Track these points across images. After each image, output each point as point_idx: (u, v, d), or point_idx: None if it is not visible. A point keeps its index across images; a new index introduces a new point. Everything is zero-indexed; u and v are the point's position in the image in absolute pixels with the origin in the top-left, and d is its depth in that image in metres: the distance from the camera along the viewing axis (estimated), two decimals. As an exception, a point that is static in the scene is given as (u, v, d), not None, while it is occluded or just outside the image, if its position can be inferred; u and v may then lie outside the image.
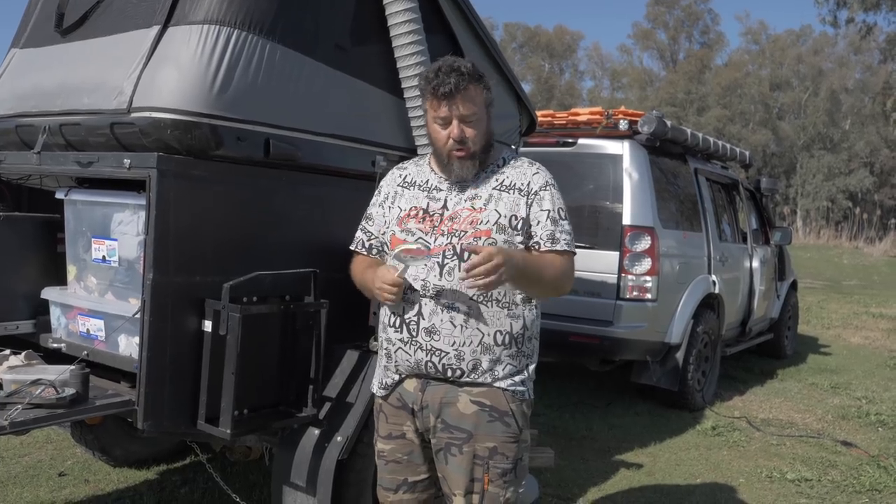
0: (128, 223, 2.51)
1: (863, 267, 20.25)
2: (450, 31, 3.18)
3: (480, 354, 2.04)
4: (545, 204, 2.08)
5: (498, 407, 2.06)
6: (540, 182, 2.10)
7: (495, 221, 2.04)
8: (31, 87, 2.78)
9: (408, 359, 2.09)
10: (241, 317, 2.29)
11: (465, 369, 2.04)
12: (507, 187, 2.09)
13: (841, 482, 4.19)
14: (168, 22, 2.42)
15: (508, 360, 2.07)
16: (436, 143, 2.09)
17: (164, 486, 3.66)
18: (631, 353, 5.28)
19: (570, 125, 5.68)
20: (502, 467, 2.06)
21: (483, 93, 2.05)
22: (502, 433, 2.06)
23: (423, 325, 2.05)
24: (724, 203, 6.72)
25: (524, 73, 43.41)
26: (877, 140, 34.65)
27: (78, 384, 2.30)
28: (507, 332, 2.06)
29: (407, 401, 2.14)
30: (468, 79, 1.99)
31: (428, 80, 2.03)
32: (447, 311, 2.03)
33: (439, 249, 2.05)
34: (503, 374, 2.07)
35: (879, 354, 8.40)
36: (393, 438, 2.18)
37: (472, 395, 2.06)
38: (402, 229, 2.12)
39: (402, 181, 2.23)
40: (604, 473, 4.15)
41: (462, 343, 2.03)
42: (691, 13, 44.83)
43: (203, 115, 2.30)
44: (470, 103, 2.01)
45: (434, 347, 2.04)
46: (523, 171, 2.12)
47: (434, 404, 2.09)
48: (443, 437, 2.09)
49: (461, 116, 2.01)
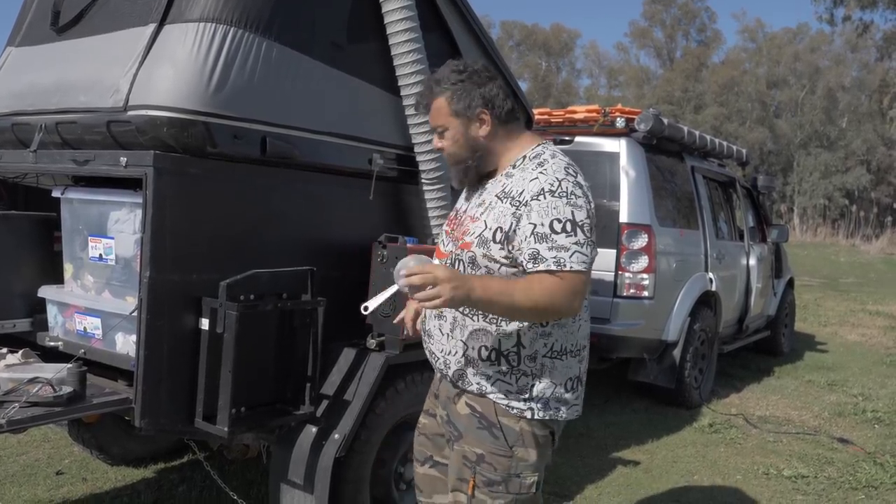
0: (124, 221, 2.51)
1: (859, 264, 20.29)
2: (446, 28, 3.19)
3: (465, 366, 1.98)
4: (533, 216, 1.83)
5: (487, 416, 1.97)
6: (533, 190, 1.85)
7: (479, 234, 1.92)
8: (27, 86, 2.78)
9: (427, 356, 2.16)
10: (238, 315, 2.30)
11: (452, 377, 2.03)
12: (505, 195, 1.92)
13: (837, 479, 4.20)
14: (164, 20, 2.42)
15: (498, 377, 1.95)
16: None
17: (161, 485, 3.66)
18: (628, 350, 5.29)
19: (567, 123, 5.69)
20: (489, 477, 1.96)
21: (448, 104, 1.95)
22: (490, 444, 1.96)
23: (426, 327, 2.10)
24: (721, 201, 6.73)
25: (521, 71, 43.38)
26: (873, 138, 34.69)
27: (75, 382, 2.31)
28: (493, 348, 1.93)
29: (434, 386, 2.23)
30: (428, 94, 1.99)
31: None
32: (437, 319, 2.04)
33: (446, 255, 2.03)
34: (491, 389, 1.96)
35: (876, 352, 8.41)
36: (429, 415, 2.23)
37: (468, 398, 2.02)
38: (440, 237, 2.17)
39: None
40: (601, 470, 4.15)
41: (448, 352, 2.01)
42: (688, 11, 44.82)
43: (199, 113, 2.30)
44: (437, 115, 1.99)
45: (431, 350, 2.10)
46: (524, 177, 1.91)
47: (444, 397, 2.13)
48: (446, 429, 2.12)
49: (434, 127, 2.02)
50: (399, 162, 3.02)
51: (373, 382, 2.62)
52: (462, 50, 3.25)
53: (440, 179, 3.03)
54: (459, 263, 1.96)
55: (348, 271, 2.84)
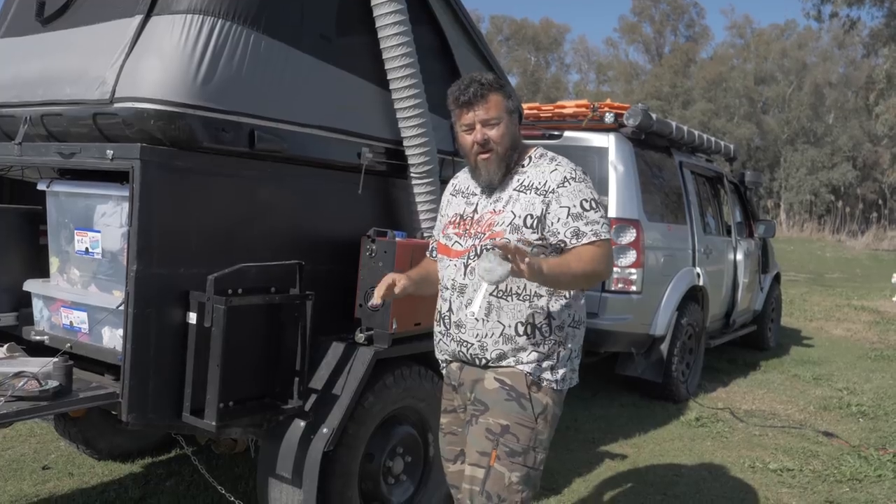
0: (111, 215, 2.49)
1: (845, 260, 20.46)
2: (436, 22, 3.18)
3: (503, 344, 2.15)
4: (563, 201, 2.12)
5: (517, 387, 2.15)
6: (557, 179, 2.15)
7: (509, 222, 2.14)
8: (12, 77, 2.75)
9: (447, 348, 2.29)
10: (225, 309, 2.29)
11: (490, 358, 2.17)
12: (526, 188, 2.17)
13: (822, 472, 4.24)
14: (151, 11, 2.40)
15: (533, 348, 2.16)
16: (464, 150, 2.23)
17: (148, 479, 3.65)
18: (616, 344, 5.31)
19: (556, 118, 5.69)
20: (511, 447, 2.13)
21: (504, 100, 2.17)
22: (517, 414, 2.14)
23: (454, 319, 2.23)
24: (709, 196, 6.76)
25: (510, 65, 43.39)
26: (860, 134, 34.93)
27: (61, 376, 2.29)
28: (529, 322, 2.15)
29: (452, 379, 2.34)
30: (487, 88, 2.14)
31: (451, 93, 2.19)
32: (469, 307, 2.15)
33: (467, 251, 2.20)
34: (527, 360, 2.16)
35: (861, 346, 8.49)
36: (448, 412, 2.39)
37: (497, 374, 2.18)
38: (444, 235, 2.31)
39: (453, 190, 2.39)
40: (588, 464, 4.17)
41: (485, 335, 2.17)
42: (677, 7, 44.96)
43: (187, 105, 2.29)
44: (490, 108, 2.14)
45: (462, 339, 2.21)
46: (542, 170, 2.19)
47: (468, 382, 2.25)
48: (470, 409, 2.23)
49: (482, 121, 2.14)
50: (388, 156, 3.01)
51: (361, 377, 2.62)
52: (451, 44, 3.25)
53: (429, 174, 3.03)
54: None
55: (337, 265, 2.83)
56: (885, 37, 25.76)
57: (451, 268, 2.24)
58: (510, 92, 2.22)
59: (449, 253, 2.26)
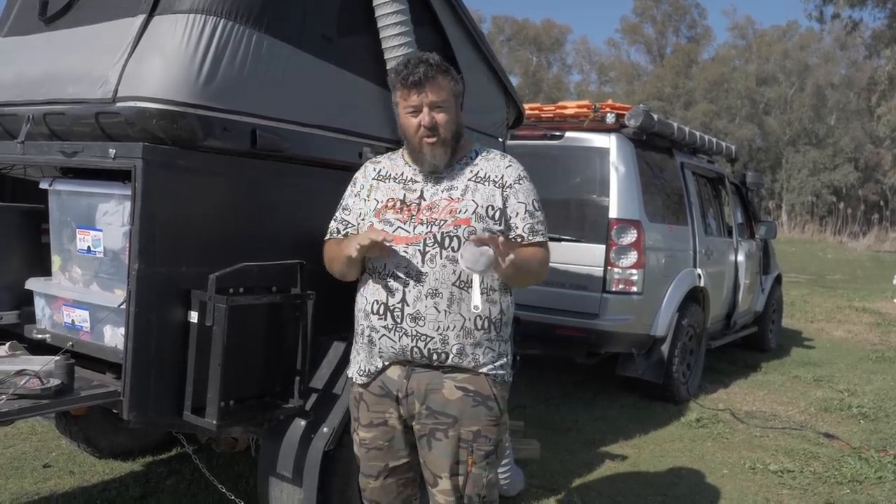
0: (113, 213, 2.50)
1: (846, 261, 20.45)
2: (437, 23, 3.18)
3: (463, 339, 2.10)
4: (521, 196, 2.16)
5: (482, 392, 2.13)
6: (514, 175, 2.18)
7: (473, 210, 2.11)
8: (15, 76, 2.75)
9: (392, 345, 2.13)
10: (227, 308, 2.29)
11: (450, 353, 2.10)
12: (481, 179, 2.16)
13: (823, 473, 4.24)
14: (153, 11, 2.40)
15: (488, 345, 2.14)
16: (407, 133, 2.16)
17: (149, 478, 3.66)
18: (616, 345, 5.31)
19: (558, 118, 5.69)
20: (485, 449, 2.14)
21: (451, 83, 2.13)
22: (486, 416, 2.14)
23: (408, 311, 2.09)
24: (710, 197, 6.76)
25: (512, 66, 43.41)
26: (861, 136, 34.92)
27: (63, 375, 2.29)
28: (486, 317, 2.13)
29: (391, 388, 2.18)
30: (436, 69, 2.09)
31: (398, 72, 2.12)
32: (431, 297, 2.08)
33: (419, 238, 2.10)
34: (484, 360, 2.13)
35: (862, 348, 8.49)
36: (375, 426, 2.23)
37: (457, 382, 2.13)
38: (381, 220, 2.17)
39: (377, 174, 2.29)
40: (589, 465, 4.17)
41: (446, 327, 2.09)
42: (678, 7, 44.97)
43: (189, 104, 2.29)
44: (439, 91, 2.09)
45: (420, 333, 2.09)
46: (496, 164, 2.20)
47: (419, 391, 2.14)
48: (427, 422, 2.14)
49: (431, 103, 2.09)
50: (389, 156, 3.01)
51: (362, 376, 2.61)
52: (453, 44, 3.25)
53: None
54: (452, 239, 2.08)
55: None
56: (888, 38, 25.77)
57: (400, 255, 2.09)
58: (456, 76, 2.18)
59: (399, 239, 2.11)
